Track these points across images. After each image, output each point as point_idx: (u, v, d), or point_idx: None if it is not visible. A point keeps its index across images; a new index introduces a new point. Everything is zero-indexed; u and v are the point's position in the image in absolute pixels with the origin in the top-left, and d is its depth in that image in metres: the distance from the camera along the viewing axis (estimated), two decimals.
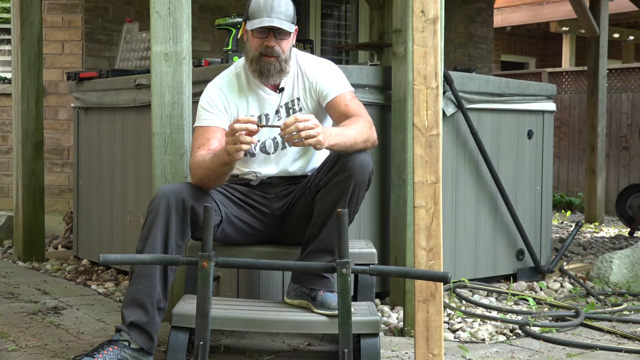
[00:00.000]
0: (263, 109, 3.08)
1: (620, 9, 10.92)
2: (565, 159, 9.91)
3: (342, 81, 3.10)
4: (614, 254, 4.71)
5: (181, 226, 2.84)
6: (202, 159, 2.88)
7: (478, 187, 4.47)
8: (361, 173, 2.84)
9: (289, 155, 3.11)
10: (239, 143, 2.65)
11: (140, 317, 2.79)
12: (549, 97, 4.88)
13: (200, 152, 2.93)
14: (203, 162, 2.87)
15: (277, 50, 2.96)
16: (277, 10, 2.92)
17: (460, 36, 9.13)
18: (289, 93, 3.08)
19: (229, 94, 3.08)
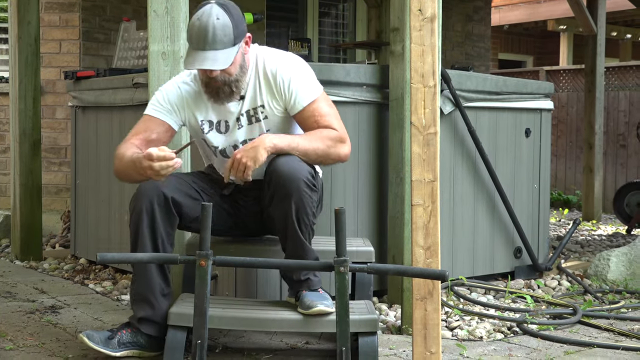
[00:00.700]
0: (222, 115, 3.00)
1: (618, 7, 10.93)
2: (563, 157, 9.91)
3: (311, 87, 2.97)
4: (612, 252, 4.71)
5: (167, 217, 2.88)
6: (126, 153, 2.85)
7: (476, 185, 4.47)
8: (297, 190, 2.77)
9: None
10: (159, 173, 2.70)
11: (147, 311, 2.92)
12: (546, 95, 4.89)
13: (131, 142, 2.91)
14: (124, 157, 2.84)
15: (220, 78, 2.84)
16: (212, 41, 2.74)
17: (457, 35, 9.13)
18: (251, 100, 2.96)
19: (188, 97, 3.01)
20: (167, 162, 2.65)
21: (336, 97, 3.88)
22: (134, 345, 2.91)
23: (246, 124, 2.98)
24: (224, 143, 3.01)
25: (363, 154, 4.01)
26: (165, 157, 2.65)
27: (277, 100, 2.94)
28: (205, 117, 3.00)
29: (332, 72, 3.90)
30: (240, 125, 2.98)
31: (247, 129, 2.98)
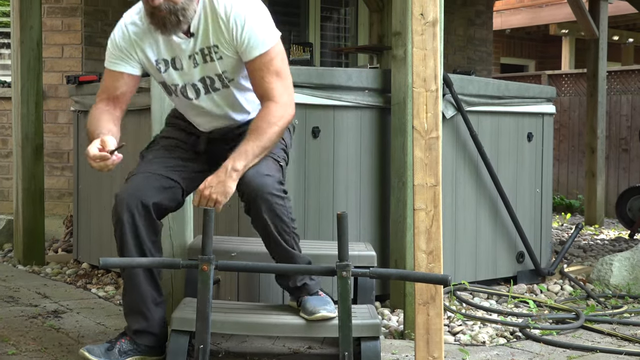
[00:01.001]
0: (174, 52, 2.85)
1: (620, 11, 10.93)
2: (565, 161, 9.91)
3: (265, 36, 2.79)
4: (614, 257, 4.71)
5: (150, 226, 2.87)
6: (96, 118, 2.82)
7: (478, 189, 4.47)
8: (268, 206, 2.74)
9: (218, 104, 2.93)
10: (100, 170, 2.69)
11: (141, 323, 2.91)
12: (548, 99, 4.88)
13: (98, 107, 2.86)
14: (95, 122, 2.81)
15: (165, 6, 2.68)
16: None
17: (459, 39, 9.13)
18: (203, 38, 2.80)
19: (136, 37, 2.86)
20: (105, 163, 2.64)
21: (338, 101, 3.89)
22: (136, 351, 2.90)
23: (201, 62, 2.84)
24: (182, 81, 2.88)
25: (365, 158, 4.01)
26: (101, 157, 2.63)
27: (229, 44, 2.79)
28: (159, 56, 2.86)
29: (334, 77, 3.90)
30: (195, 64, 2.84)
31: (202, 67, 2.84)
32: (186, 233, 3.47)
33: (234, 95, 2.91)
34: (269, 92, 2.78)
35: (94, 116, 2.84)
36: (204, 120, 2.99)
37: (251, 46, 2.76)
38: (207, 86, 2.87)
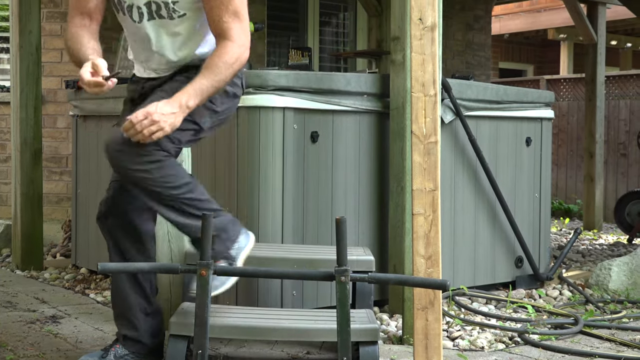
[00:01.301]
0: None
1: (618, 16, 10.96)
2: (564, 166, 9.91)
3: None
4: (613, 261, 4.71)
5: (133, 246, 2.89)
6: (76, 34, 2.72)
7: (477, 194, 4.47)
8: (131, 180, 2.67)
9: (160, 34, 2.75)
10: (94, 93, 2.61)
11: (130, 330, 2.92)
12: (547, 104, 4.89)
13: (73, 25, 2.74)
14: (71, 52, 2.71)
15: None
16: None
17: (458, 43, 9.14)
18: None
19: None
20: (101, 89, 2.54)
21: (337, 106, 3.89)
22: (131, 356, 2.89)
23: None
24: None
25: (364, 163, 4.01)
26: (96, 83, 2.52)
27: None
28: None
29: (333, 81, 3.90)
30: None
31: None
32: (184, 238, 3.46)
33: (179, 31, 2.72)
34: (227, 31, 2.64)
35: (72, 33, 2.73)
36: (145, 55, 2.82)
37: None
38: (152, 12, 2.69)
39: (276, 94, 3.69)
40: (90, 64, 2.54)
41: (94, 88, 2.54)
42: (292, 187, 3.74)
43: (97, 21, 2.78)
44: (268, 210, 3.66)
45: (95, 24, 2.78)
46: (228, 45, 2.63)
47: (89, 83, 2.53)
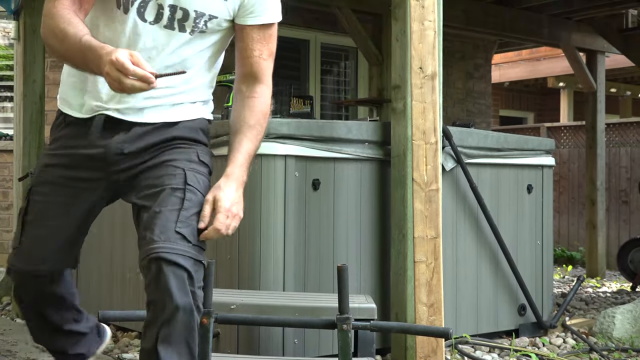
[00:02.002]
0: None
1: (617, 64, 11.05)
2: (566, 213, 9.91)
3: (277, 4, 2.29)
4: (617, 309, 4.68)
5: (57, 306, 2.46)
6: (68, 29, 2.00)
7: (478, 241, 4.46)
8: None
9: (173, 60, 2.20)
10: (123, 89, 1.91)
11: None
12: (547, 151, 4.91)
13: (62, 4, 2.06)
14: (66, 35, 2.00)
15: None
16: None
17: (458, 92, 9.21)
18: None
19: None
20: (142, 84, 1.89)
21: (338, 153, 3.90)
22: None
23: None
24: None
25: (365, 210, 4.02)
26: (144, 77, 1.88)
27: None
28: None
29: (334, 129, 3.93)
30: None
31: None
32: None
33: (187, 55, 2.21)
34: (265, 71, 2.26)
35: (61, 14, 2.03)
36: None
37: (260, 7, 2.22)
38: (174, 19, 2.17)
39: (278, 141, 3.71)
40: (127, 52, 1.89)
41: (137, 82, 1.88)
42: (293, 234, 3.74)
43: (85, 11, 2.13)
44: (270, 257, 3.66)
45: (83, 14, 2.11)
46: (265, 92, 2.27)
47: (135, 73, 1.86)
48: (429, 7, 3.46)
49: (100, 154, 2.19)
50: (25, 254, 2.30)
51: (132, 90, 1.88)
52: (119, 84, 1.87)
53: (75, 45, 1.98)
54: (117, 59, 1.85)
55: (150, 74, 1.87)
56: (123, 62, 1.85)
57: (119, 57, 1.86)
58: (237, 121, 2.24)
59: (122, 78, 1.86)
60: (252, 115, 2.23)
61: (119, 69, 1.86)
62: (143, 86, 1.87)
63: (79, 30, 1.98)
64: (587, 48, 8.09)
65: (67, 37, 1.99)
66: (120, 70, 1.86)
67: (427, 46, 3.42)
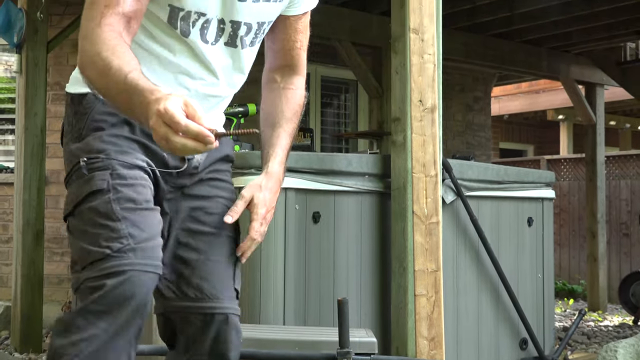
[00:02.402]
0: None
1: (616, 97, 11.10)
2: (566, 246, 9.89)
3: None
4: (619, 343, 4.64)
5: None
6: (120, 47, 1.58)
7: (479, 274, 4.45)
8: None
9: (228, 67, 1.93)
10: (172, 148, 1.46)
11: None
12: (547, 184, 4.91)
13: (111, 18, 1.62)
14: (110, 69, 1.55)
15: None
16: None
17: (458, 124, 9.24)
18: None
19: None
20: (196, 145, 1.45)
21: (338, 186, 3.90)
22: None
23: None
24: (220, 11, 1.83)
25: (365, 243, 4.01)
26: (200, 135, 1.44)
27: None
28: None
29: (334, 162, 3.93)
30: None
31: (267, 4, 1.91)
32: None
33: (245, 66, 1.97)
34: (303, 62, 2.07)
35: (109, 41, 1.59)
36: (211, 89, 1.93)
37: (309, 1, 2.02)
38: (236, 35, 1.89)
39: None
40: (181, 100, 1.46)
41: (190, 142, 1.44)
42: (293, 267, 3.73)
43: (133, 32, 1.70)
44: (269, 290, 3.64)
45: (131, 36, 1.68)
46: (302, 84, 2.09)
47: (187, 129, 1.43)
48: (429, 41, 3.48)
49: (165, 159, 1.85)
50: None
51: (182, 151, 1.45)
52: (167, 142, 1.44)
53: (119, 84, 1.53)
54: (166, 110, 1.42)
55: (208, 130, 1.44)
56: (173, 114, 1.42)
57: (168, 107, 1.42)
58: (273, 113, 2.03)
59: (171, 135, 1.43)
60: (289, 107, 2.04)
61: (167, 122, 1.42)
62: (198, 147, 1.44)
63: (125, 64, 1.54)
64: (586, 81, 8.14)
65: (109, 71, 1.54)
66: (170, 124, 1.43)
67: (427, 79, 3.44)
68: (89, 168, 1.73)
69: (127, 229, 1.64)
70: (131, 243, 1.63)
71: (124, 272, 1.60)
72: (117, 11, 1.63)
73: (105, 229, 1.64)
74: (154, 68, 1.82)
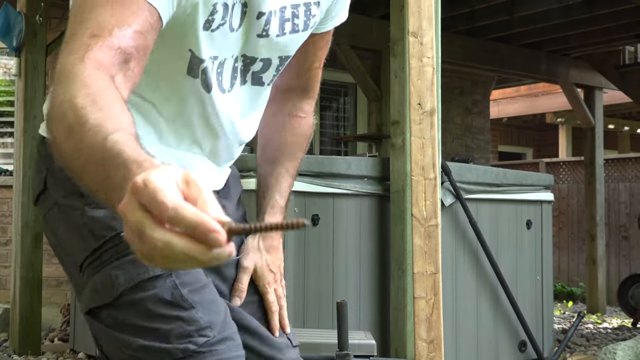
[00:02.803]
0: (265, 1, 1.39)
1: (615, 100, 11.12)
2: (565, 248, 9.89)
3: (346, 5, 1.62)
4: (617, 345, 4.64)
5: None
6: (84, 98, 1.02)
7: (478, 277, 4.45)
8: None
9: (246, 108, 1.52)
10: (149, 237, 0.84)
11: None
12: (546, 187, 4.91)
13: (101, 52, 1.10)
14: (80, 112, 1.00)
15: None
16: None
17: (457, 127, 9.25)
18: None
19: None
20: (193, 248, 0.83)
21: (338, 189, 3.91)
22: None
23: (302, 28, 1.49)
24: (241, 48, 1.42)
25: (365, 246, 4.01)
26: (201, 227, 0.83)
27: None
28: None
29: (334, 165, 3.94)
30: (295, 27, 1.47)
31: (293, 37, 1.48)
32: None
33: (261, 105, 1.58)
34: (316, 83, 1.68)
35: (91, 84, 1.05)
36: (210, 145, 1.50)
37: (338, 10, 1.60)
38: (254, 72, 1.49)
39: None
40: (181, 175, 0.87)
41: (184, 241, 0.83)
42: (293, 270, 3.73)
43: (133, 78, 1.17)
44: None
45: (130, 83, 1.16)
46: (311, 109, 1.70)
47: (179, 216, 0.83)
48: (428, 44, 3.49)
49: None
50: None
51: (167, 259, 0.85)
52: (140, 239, 0.85)
53: (93, 148, 0.96)
54: (147, 183, 0.84)
55: (217, 223, 0.83)
56: (156, 190, 0.83)
57: (151, 178, 0.84)
58: (274, 144, 1.66)
59: (149, 226, 0.84)
60: (294, 139, 1.66)
61: (145, 203, 0.84)
62: (194, 250, 0.83)
63: (109, 119, 0.98)
64: (585, 84, 8.15)
65: (83, 127, 0.98)
66: (149, 206, 0.84)
67: (426, 82, 3.44)
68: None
69: (205, 316, 1.32)
70: (216, 334, 1.32)
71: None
72: (110, 44, 1.11)
73: (177, 321, 1.30)
74: (160, 128, 1.43)
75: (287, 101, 1.67)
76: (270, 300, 1.59)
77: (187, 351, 1.28)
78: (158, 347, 1.28)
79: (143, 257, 0.86)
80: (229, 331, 1.35)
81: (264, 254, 1.59)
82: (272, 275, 1.60)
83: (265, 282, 1.58)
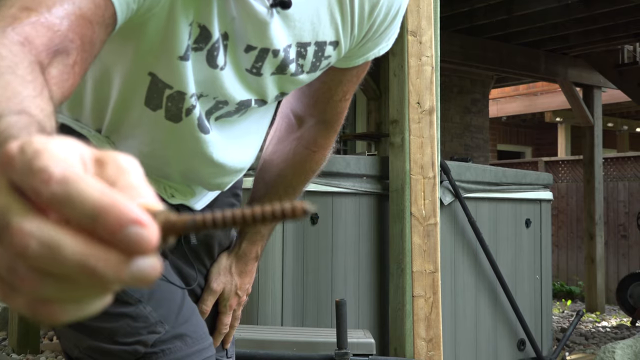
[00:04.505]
0: (259, 36, 1.16)
1: (614, 99, 11.12)
2: (564, 247, 9.90)
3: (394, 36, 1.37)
4: (616, 344, 4.65)
5: None
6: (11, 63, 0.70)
7: (477, 276, 4.45)
8: None
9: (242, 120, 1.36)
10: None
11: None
12: (545, 186, 4.92)
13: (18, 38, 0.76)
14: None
15: None
16: None
17: (456, 126, 9.25)
18: (303, 20, 1.19)
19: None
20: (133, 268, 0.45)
21: (337, 188, 3.91)
22: None
23: (309, 69, 1.27)
24: (251, 92, 1.25)
25: (363, 244, 4.01)
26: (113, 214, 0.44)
27: (350, 42, 1.29)
28: (204, 19, 1.10)
29: (333, 164, 3.94)
30: (300, 69, 1.26)
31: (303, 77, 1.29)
32: None
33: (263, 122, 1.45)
34: (342, 116, 1.51)
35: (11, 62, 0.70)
36: (182, 169, 1.33)
37: (377, 48, 1.37)
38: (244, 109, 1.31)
39: None
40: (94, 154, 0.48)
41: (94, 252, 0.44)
42: (291, 269, 3.73)
43: (74, 78, 0.85)
44: (268, 292, 3.65)
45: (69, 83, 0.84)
46: (330, 142, 1.51)
47: (72, 193, 0.44)
48: (427, 43, 3.49)
49: None
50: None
51: (42, 283, 0.45)
52: (0, 236, 0.46)
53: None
54: (24, 148, 0.47)
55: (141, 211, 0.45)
56: (37, 152, 0.46)
57: (33, 142, 0.47)
58: (275, 168, 1.54)
59: (15, 214, 0.46)
60: (300, 172, 1.51)
61: (17, 179, 0.47)
62: (98, 263, 0.44)
63: (5, 99, 0.63)
64: (584, 83, 8.16)
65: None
66: (23, 183, 0.46)
67: (425, 81, 3.45)
68: None
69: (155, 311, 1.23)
70: (168, 329, 1.24)
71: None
72: (47, 22, 0.82)
73: (123, 319, 1.21)
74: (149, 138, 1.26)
75: (303, 130, 1.49)
76: (224, 323, 1.49)
77: (136, 353, 1.20)
78: (104, 348, 1.22)
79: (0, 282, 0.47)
80: (186, 326, 1.26)
81: (235, 278, 1.49)
82: (237, 299, 1.50)
83: (227, 303, 1.48)
